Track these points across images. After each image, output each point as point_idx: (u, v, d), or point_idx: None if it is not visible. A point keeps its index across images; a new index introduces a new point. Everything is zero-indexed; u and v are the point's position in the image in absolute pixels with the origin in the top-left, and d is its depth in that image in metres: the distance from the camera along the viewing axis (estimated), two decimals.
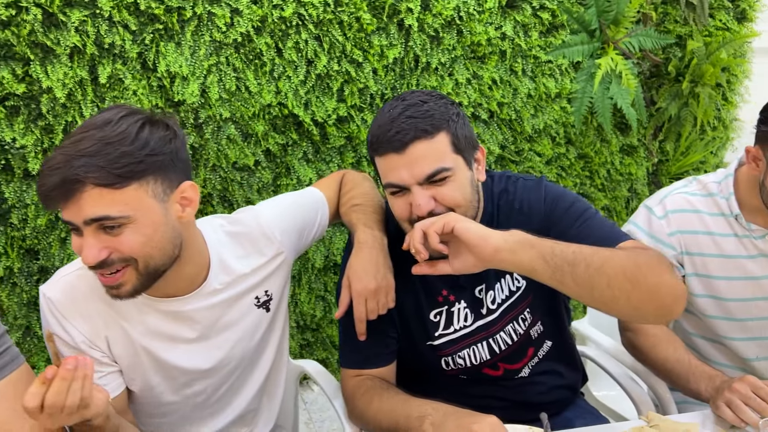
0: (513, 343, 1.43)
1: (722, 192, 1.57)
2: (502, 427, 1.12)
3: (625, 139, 2.96)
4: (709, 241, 1.56)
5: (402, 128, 1.23)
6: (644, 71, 2.92)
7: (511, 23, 2.64)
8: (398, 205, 1.29)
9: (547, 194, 1.39)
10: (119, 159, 1.07)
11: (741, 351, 1.61)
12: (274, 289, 1.38)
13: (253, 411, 1.44)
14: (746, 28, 2.98)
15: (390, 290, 1.32)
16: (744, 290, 1.56)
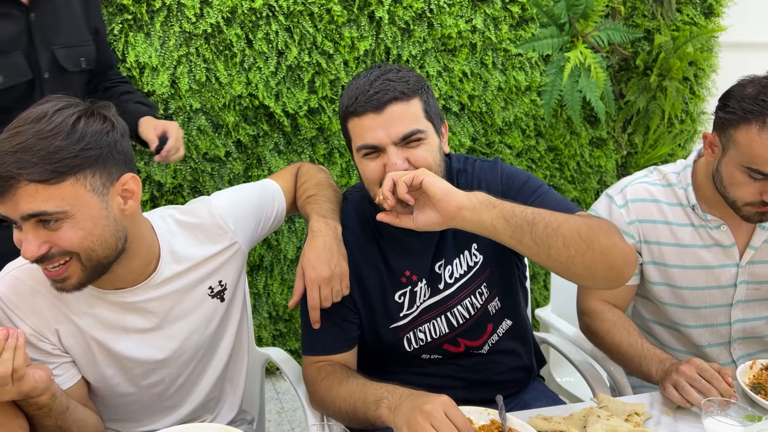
0: (470, 317, 1.46)
1: (681, 182, 1.61)
2: (454, 405, 1.15)
3: (594, 132, 3.00)
4: (666, 231, 1.60)
5: (381, 89, 1.28)
6: (613, 65, 2.97)
7: (481, 16, 2.67)
8: (371, 168, 1.31)
9: (503, 173, 1.45)
10: (53, 154, 1.05)
11: (694, 338, 1.66)
12: (228, 279, 1.39)
13: (215, 399, 1.46)
14: (713, 22, 3.03)
15: (344, 277, 1.34)
16: (698, 279, 1.61)
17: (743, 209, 1.49)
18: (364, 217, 1.46)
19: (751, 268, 1.60)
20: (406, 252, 1.43)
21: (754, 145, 1.40)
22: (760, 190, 1.44)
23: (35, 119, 1.07)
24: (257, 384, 1.77)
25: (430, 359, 1.48)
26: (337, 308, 1.39)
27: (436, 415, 1.11)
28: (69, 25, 1.69)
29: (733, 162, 1.46)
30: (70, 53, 1.68)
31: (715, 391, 1.30)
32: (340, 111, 1.37)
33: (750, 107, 1.41)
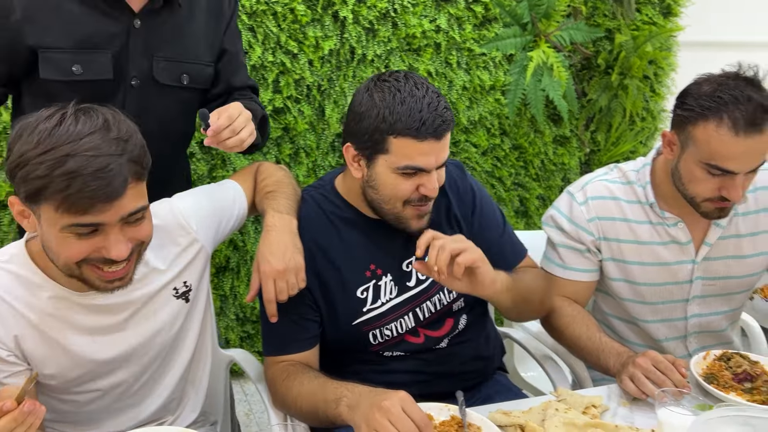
0: (435, 312, 1.49)
1: (639, 180, 1.64)
2: (412, 400, 1.16)
3: (557, 130, 3.05)
4: (625, 228, 1.63)
5: (445, 118, 1.33)
6: (575, 64, 3.01)
7: (445, 16, 2.69)
8: (406, 186, 1.36)
9: (474, 188, 1.57)
10: (140, 153, 1.15)
11: (652, 332, 1.69)
12: (192, 279, 1.39)
13: (176, 399, 1.45)
14: (671, 22, 3.10)
15: (299, 271, 1.35)
16: (656, 275, 1.64)
17: (702, 205, 1.52)
18: (327, 214, 1.47)
19: (706, 264, 1.63)
20: (372, 246, 1.46)
21: (712, 142, 1.43)
22: (719, 185, 1.47)
23: (103, 127, 1.10)
24: (221, 386, 1.75)
25: (392, 356, 1.49)
26: (297, 306, 1.40)
27: (394, 411, 1.13)
28: (182, 40, 1.61)
29: (692, 159, 1.48)
30: (171, 67, 1.60)
31: (670, 382, 1.33)
32: (375, 121, 1.32)
33: (707, 104, 1.43)
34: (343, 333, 1.46)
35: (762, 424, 1.17)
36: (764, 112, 1.40)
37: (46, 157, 1.06)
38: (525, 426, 1.26)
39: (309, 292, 1.42)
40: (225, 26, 1.70)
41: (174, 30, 1.60)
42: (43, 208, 1.10)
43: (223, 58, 1.71)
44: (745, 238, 1.63)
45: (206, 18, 1.65)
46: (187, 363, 1.43)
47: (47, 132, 1.08)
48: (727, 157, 1.43)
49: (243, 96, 1.71)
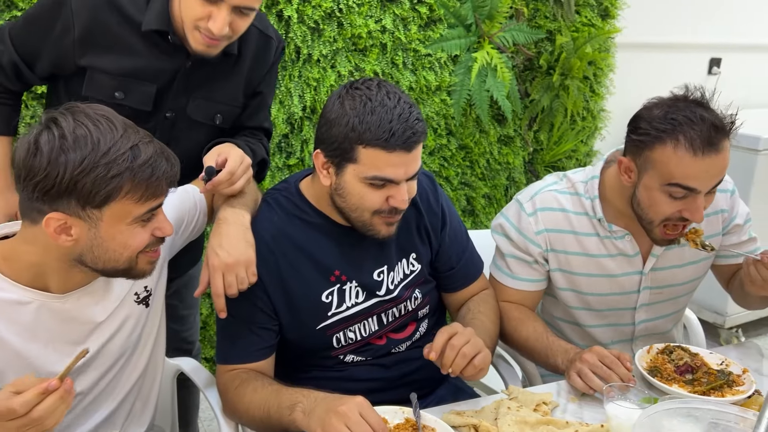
0: (400, 317, 1.51)
1: (588, 193, 1.64)
2: (368, 405, 1.16)
3: (502, 130, 3.09)
4: (573, 240, 1.64)
5: (416, 130, 1.30)
6: (518, 65, 3.06)
7: (390, 16, 2.69)
8: (375, 197, 1.34)
9: (443, 201, 1.57)
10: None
11: (598, 337, 1.73)
12: (152, 284, 1.36)
13: (123, 415, 1.40)
14: (609, 24, 3.19)
15: (250, 265, 1.32)
16: (602, 286, 1.66)
17: (657, 230, 1.52)
18: (291, 217, 1.44)
19: (654, 274, 1.67)
20: (338, 254, 1.44)
21: (671, 163, 1.43)
22: (681, 207, 1.47)
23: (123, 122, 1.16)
24: (168, 396, 1.71)
25: (352, 362, 1.48)
26: (254, 315, 1.38)
27: (351, 416, 1.12)
28: (224, 84, 1.64)
29: (653, 183, 1.48)
30: (205, 106, 1.63)
31: (616, 377, 1.37)
32: (344, 130, 1.30)
33: (662, 127, 1.44)
34: (306, 337, 1.44)
35: (704, 415, 1.22)
36: (717, 132, 1.41)
37: (117, 153, 1.10)
38: (479, 426, 1.27)
39: (268, 298, 1.39)
40: (264, 73, 1.70)
41: (220, 74, 1.62)
42: (113, 207, 1.12)
43: (252, 99, 1.72)
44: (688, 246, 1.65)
45: (252, 65, 1.66)
46: (142, 371, 1.40)
47: (92, 134, 1.10)
48: (688, 177, 1.43)
49: (253, 135, 1.72)
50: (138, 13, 1.51)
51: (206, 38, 1.46)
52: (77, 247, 1.15)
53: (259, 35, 1.66)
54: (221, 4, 1.41)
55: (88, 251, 1.16)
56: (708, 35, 3.76)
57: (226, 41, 1.51)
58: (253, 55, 1.66)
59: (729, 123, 1.44)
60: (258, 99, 1.73)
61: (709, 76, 3.83)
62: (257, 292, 1.37)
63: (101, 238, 1.14)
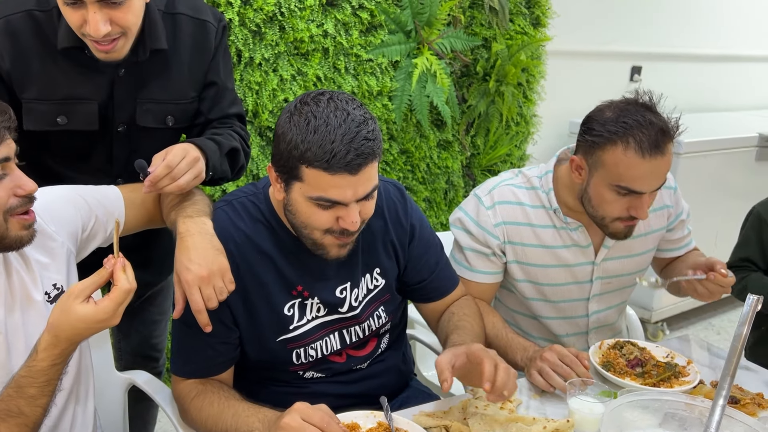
0: (363, 337, 1.48)
1: (543, 186, 1.70)
2: (307, 407, 1.15)
3: (441, 135, 3.15)
4: (529, 232, 1.70)
5: (361, 152, 1.21)
6: (456, 71, 3.13)
7: (332, 21, 2.69)
8: (323, 218, 1.27)
9: (412, 212, 1.52)
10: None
11: (554, 328, 1.80)
12: (61, 280, 1.29)
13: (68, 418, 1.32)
14: (540, 32, 3.31)
15: (225, 272, 1.26)
16: (558, 276, 1.73)
17: (611, 226, 1.59)
18: (255, 224, 1.38)
19: (605, 264, 1.75)
20: (301, 268, 1.39)
21: (621, 165, 1.50)
22: (627, 205, 1.54)
23: None
24: (119, 410, 1.65)
25: (312, 378, 1.46)
26: (214, 329, 1.33)
27: (294, 424, 1.12)
28: (167, 82, 1.55)
29: (602, 181, 1.54)
30: (155, 109, 1.55)
31: (575, 374, 1.42)
32: (286, 145, 1.23)
33: (614, 129, 1.50)
34: (266, 350, 1.40)
35: (659, 405, 1.29)
36: (664, 135, 1.49)
37: None
38: (450, 426, 1.29)
39: (228, 307, 1.34)
40: (210, 59, 1.61)
41: (158, 73, 1.53)
42: None
43: (207, 90, 1.63)
44: (637, 238, 1.75)
45: (191, 54, 1.57)
46: (74, 377, 1.32)
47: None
48: (635, 178, 1.50)
49: (223, 125, 1.64)
50: (53, 34, 1.44)
51: (95, 44, 1.39)
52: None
53: (192, 23, 1.57)
54: (85, 5, 1.33)
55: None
56: (630, 44, 3.97)
57: (124, 39, 1.41)
58: (189, 45, 1.57)
59: (674, 127, 1.52)
60: (214, 89, 1.64)
61: (630, 82, 4.05)
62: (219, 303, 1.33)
63: None
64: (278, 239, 1.38)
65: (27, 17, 1.43)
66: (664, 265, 1.91)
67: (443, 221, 3.27)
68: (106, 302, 1.10)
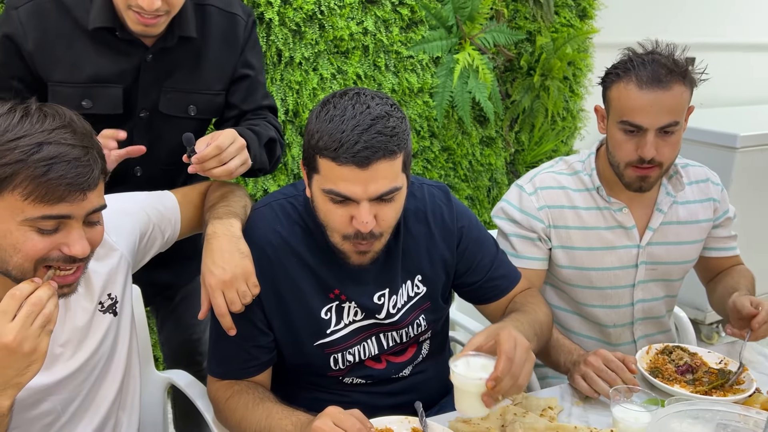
0: (401, 343, 1.44)
1: (585, 169, 1.71)
2: (339, 411, 1.14)
3: (484, 131, 3.09)
4: (573, 215, 1.69)
5: (371, 144, 1.17)
6: (499, 66, 3.06)
7: (372, 18, 2.66)
8: (337, 216, 1.24)
9: (458, 213, 1.48)
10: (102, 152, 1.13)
11: (600, 318, 1.74)
12: (117, 291, 1.30)
13: (110, 426, 1.34)
14: (587, 24, 3.21)
15: (249, 276, 1.25)
16: (603, 259, 1.69)
17: (625, 174, 1.59)
18: (295, 226, 1.37)
19: (650, 249, 1.71)
20: (339, 272, 1.36)
21: (623, 98, 1.54)
22: (636, 145, 1.55)
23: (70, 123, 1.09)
24: (159, 409, 1.67)
25: (352, 383, 1.43)
26: (248, 331, 1.32)
27: (326, 428, 1.11)
28: (192, 72, 1.55)
29: (612, 122, 1.58)
30: (178, 98, 1.55)
31: (621, 381, 1.36)
32: (308, 136, 1.23)
33: (622, 67, 1.56)
34: (302, 354, 1.39)
35: (712, 416, 1.21)
36: (669, 73, 1.51)
37: (19, 143, 1.02)
38: None
39: (262, 312, 1.34)
40: (239, 53, 1.62)
41: (185, 62, 1.54)
42: (4, 200, 1.04)
43: (237, 83, 1.64)
44: (684, 225, 1.72)
45: (219, 46, 1.58)
46: (119, 385, 1.34)
47: (14, 123, 1.04)
48: (634, 111, 1.52)
49: (257, 116, 1.64)
50: (84, 14, 1.45)
51: (139, 17, 1.38)
52: None
53: (222, 15, 1.57)
54: None
55: None
56: (681, 35, 3.79)
57: (165, 17, 1.42)
58: (218, 37, 1.57)
59: (682, 67, 1.53)
60: (246, 82, 1.64)
61: None
62: (252, 306, 1.31)
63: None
64: (315, 242, 1.36)
65: (55, 0, 1.44)
66: (713, 273, 1.84)
67: (486, 219, 3.22)
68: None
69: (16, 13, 1.42)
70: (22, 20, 1.42)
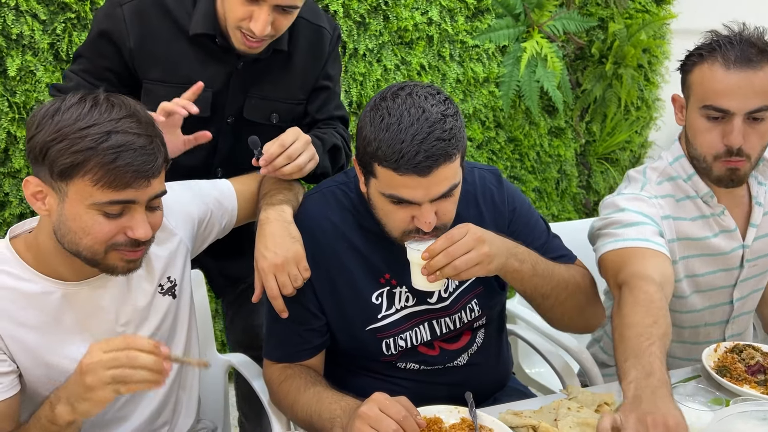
0: (454, 329, 1.43)
1: (680, 173, 1.54)
2: (385, 397, 1.13)
3: (552, 122, 3.01)
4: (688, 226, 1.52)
5: (432, 153, 1.16)
6: (569, 54, 2.98)
7: (437, 8, 2.64)
8: (399, 217, 1.25)
9: (509, 195, 1.45)
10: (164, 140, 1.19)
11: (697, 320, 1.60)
12: (176, 274, 1.35)
13: (170, 406, 1.40)
14: (664, 10, 3.07)
15: (300, 260, 1.29)
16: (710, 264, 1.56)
17: (713, 168, 1.44)
18: (346, 213, 1.39)
19: (754, 245, 1.57)
20: (390, 257, 1.37)
21: (705, 81, 1.39)
22: (721, 133, 1.40)
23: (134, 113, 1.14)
24: (220, 391, 1.72)
25: (406, 368, 1.43)
26: (301, 315, 1.35)
27: (371, 414, 1.11)
28: (278, 81, 1.61)
29: (693, 110, 1.43)
30: (262, 105, 1.60)
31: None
32: (363, 141, 1.22)
33: (706, 47, 1.41)
34: (355, 339, 1.40)
35: None
36: (760, 53, 1.37)
37: (89, 131, 1.08)
38: (538, 426, 1.22)
39: (315, 295, 1.36)
40: (323, 65, 1.66)
41: (272, 71, 1.59)
42: (75, 184, 1.10)
43: (316, 93, 1.69)
44: None
45: (305, 58, 1.63)
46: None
47: (84, 113, 1.10)
48: (719, 93, 1.38)
49: (327, 125, 1.69)
50: (185, 18, 1.50)
51: (246, 39, 1.43)
52: (51, 219, 1.15)
53: (310, 27, 1.62)
54: (263, 3, 1.38)
55: (57, 227, 1.15)
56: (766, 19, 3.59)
57: (269, 40, 1.48)
58: (305, 49, 1.62)
59: None
60: (325, 93, 1.68)
61: None
62: (304, 290, 1.34)
63: (65, 215, 1.12)
64: (366, 228, 1.37)
65: (158, 2, 1.50)
66: None
67: (555, 212, 3.14)
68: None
69: (121, 10, 1.48)
70: (126, 18, 1.48)
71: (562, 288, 1.37)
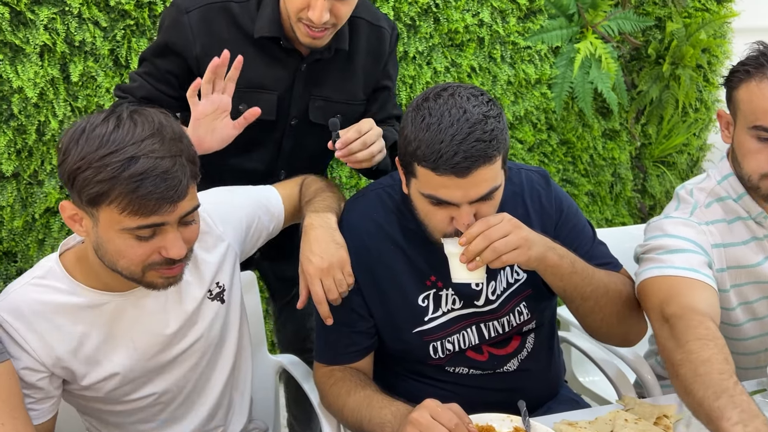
0: (503, 333, 1.41)
1: (730, 193, 1.45)
2: (437, 404, 1.13)
3: (606, 124, 2.95)
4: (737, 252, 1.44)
5: (471, 154, 1.16)
6: (624, 54, 2.91)
7: (488, 9, 2.62)
8: (438, 217, 1.25)
9: (556, 196, 1.43)
10: (193, 152, 1.16)
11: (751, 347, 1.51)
12: (225, 279, 1.36)
13: (224, 407, 1.42)
14: (725, 8, 2.97)
15: (344, 265, 1.30)
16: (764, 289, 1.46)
17: (762, 186, 1.36)
18: (391, 215, 1.39)
19: None
20: (435, 259, 1.35)
21: (755, 99, 1.32)
22: None
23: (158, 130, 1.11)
24: (271, 392, 1.74)
25: (454, 372, 1.42)
26: (348, 318, 1.35)
27: (423, 421, 1.10)
28: (340, 82, 1.63)
29: (741, 129, 1.36)
30: (325, 107, 1.62)
31: None
32: (404, 141, 1.23)
33: (753, 62, 1.34)
34: (402, 342, 1.39)
35: None
36: None
37: (110, 159, 1.06)
38: None
39: (362, 298, 1.36)
40: (383, 65, 1.69)
41: (334, 72, 1.62)
42: (104, 211, 1.09)
43: (378, 93, 1.71)
44: None
45: (366, 58, 1.65)
46: (230, 368, 1.41)
47: (107, 135, 1.08)
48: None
49: (385, 124, 1.70)
50: (249, 22, 1.53)
51: (309, 30, 1.45)
52: (90, 240, 1.16)
53: (370, 27, 1.63)
54: None
55: (96, 247, 1.16)
56: None
57: (332, 29, 1.48)
58: (366, 48, 1.63)
59: None
60: (385, 93, 1.71)
61: None
62: (351, 293, 1.34)
63: (101, 238, 1.13)
64: (410, 230, 1.37)
65: (223, 8, 1.53)
66: None
67: (608, 217, 3.07)
68: None
69: (187, 18, 1.51)
70: (193, 25, 1.51)
71: (602, 292, 1.33)
